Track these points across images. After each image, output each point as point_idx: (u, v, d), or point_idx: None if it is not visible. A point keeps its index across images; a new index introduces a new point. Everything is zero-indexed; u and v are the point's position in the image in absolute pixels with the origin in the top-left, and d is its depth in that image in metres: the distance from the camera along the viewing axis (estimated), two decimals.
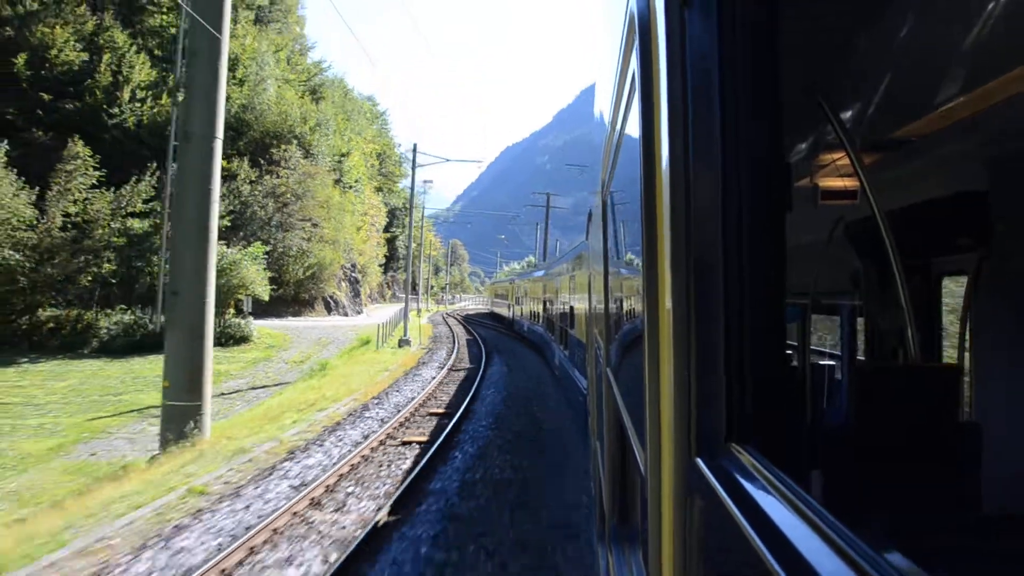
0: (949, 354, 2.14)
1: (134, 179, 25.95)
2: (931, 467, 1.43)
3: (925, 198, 2.01)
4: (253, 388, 19.43)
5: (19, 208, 23.14)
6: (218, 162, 11.34)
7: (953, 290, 2.16)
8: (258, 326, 27.33)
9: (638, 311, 1.22)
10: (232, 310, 26.74)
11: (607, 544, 2.25)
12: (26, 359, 21.58)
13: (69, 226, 24.41)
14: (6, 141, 24.00)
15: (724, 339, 0.79)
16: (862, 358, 2.49)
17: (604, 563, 2.33)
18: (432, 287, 56.43)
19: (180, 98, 11.78)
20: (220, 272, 26.69)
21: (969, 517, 1.39)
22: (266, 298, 28.31)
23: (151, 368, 21.74)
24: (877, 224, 1.72)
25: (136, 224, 25.85)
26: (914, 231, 1.96)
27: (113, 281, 25.39)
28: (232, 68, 36.85)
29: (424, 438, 9.95)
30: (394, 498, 6.89)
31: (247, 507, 6.88)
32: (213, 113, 11.13)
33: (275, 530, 6.14)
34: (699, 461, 0.80)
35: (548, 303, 19.43)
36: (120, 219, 25.35)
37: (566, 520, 6.56)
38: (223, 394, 17.88)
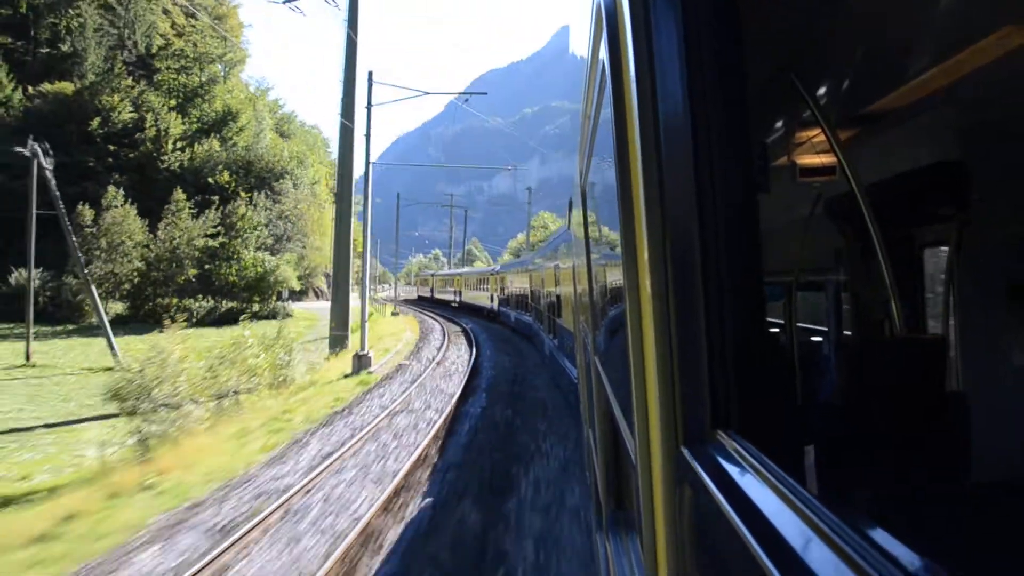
0: (934, 325, 2.13)
1: (208, 211, 38.60)
2: (919, 439, 1.41)
3: (903, 170, 1.99)
4: (324, 338, 33.94)
5: (140, 236, 35.61)
6: (351, 223, 26.55)
7: (936, 261, 2.16)
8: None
9: (620, 299, 1.25)
10: (274, 298, 40.34)
11: (605, 533, 2.32)
12: (159, 328, 34.11)
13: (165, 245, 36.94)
14: (122, 188, 35.99)
15: (705, 325, 0.80)
16: (848, 333, 2.47)
17: (603, 551, 2.39)
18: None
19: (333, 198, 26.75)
20: (268, 272, 40.36)
21: (958, 487, 1.37)
22: (297, 288, 42.09)
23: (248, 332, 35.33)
24: (856, 199, 1.69)
25: (210, 242, 38.62)
26: (893, 204, 1.92)
27: (193, 280, 38.08)
28: (235, 119, 48.86)
29: (465, 338, 26.23)
30: (475, 347, 23.19)
31: (423, 356, 22.84)
32: (349, 204, 26.33)
33: (447, 351, 22.32)
34: (685, 450, 0.82)
35: (535, 293, 20.66)
36: (201, 238, 38.10)
37: (518, 343, 23.46)
38: (315, 339, 32.35)
